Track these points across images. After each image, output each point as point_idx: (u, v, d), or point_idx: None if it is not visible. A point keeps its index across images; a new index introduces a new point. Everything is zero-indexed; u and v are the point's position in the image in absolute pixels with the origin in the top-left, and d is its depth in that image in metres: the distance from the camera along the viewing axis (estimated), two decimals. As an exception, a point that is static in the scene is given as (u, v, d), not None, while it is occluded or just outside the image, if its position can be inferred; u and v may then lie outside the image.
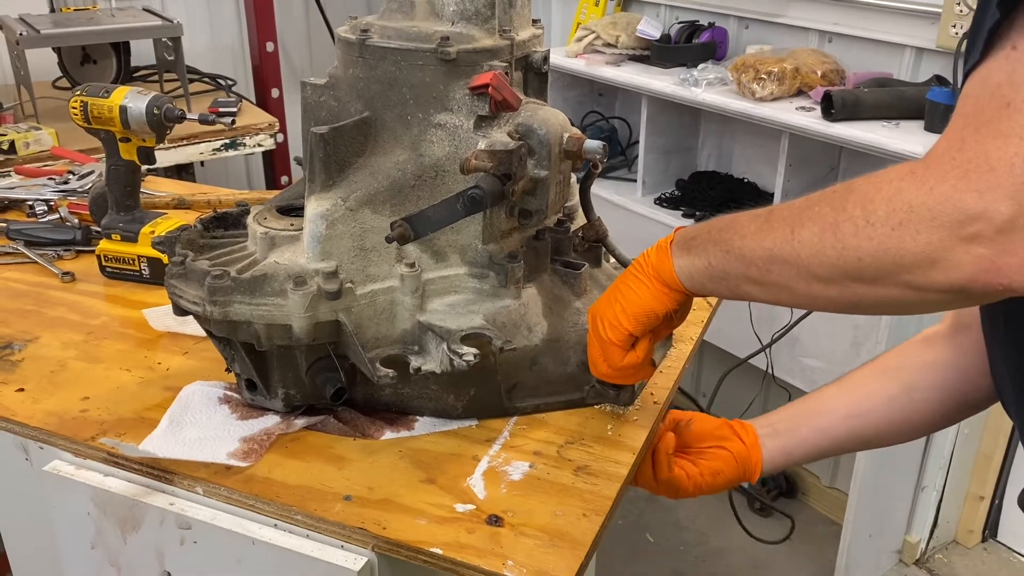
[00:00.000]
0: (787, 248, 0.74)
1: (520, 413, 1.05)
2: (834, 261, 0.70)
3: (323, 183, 0.96)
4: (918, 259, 0.64)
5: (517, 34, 1.02)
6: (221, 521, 0.93)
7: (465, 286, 1.02)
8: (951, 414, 1.05)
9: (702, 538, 2.63)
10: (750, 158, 2.70)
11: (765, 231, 0.77)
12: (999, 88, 0.62)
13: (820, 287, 0.73)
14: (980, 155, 0.61)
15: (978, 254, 0.61)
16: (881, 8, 2.26)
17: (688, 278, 0.86)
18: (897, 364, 1.07)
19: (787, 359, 2.32)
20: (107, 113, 1.31)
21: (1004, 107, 0.61)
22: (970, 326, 1.03)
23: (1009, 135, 0.60)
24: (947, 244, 0.62)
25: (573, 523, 0.88)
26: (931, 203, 0.63)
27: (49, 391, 1.10)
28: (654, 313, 0.89)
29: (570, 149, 1.00)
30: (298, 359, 0.99)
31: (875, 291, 0.69)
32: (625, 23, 2.68)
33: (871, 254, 0.67)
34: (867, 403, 1.05)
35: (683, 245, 0.87)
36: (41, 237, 1.50)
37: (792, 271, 0.74)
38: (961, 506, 2.46)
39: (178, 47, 2.54)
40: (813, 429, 1.07)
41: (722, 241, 0.82)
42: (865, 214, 0.67)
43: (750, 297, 0.82)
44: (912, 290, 0.67)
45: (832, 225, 0.70)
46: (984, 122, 0.62)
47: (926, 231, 0.63)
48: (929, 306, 0.70)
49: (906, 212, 0.64)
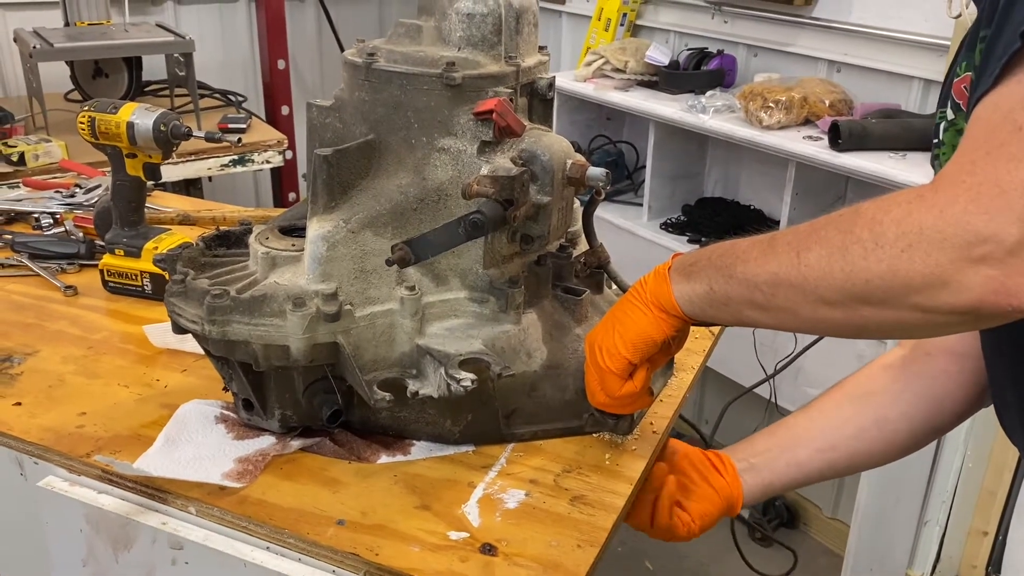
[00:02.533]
0: (793, 272, 0.73)
1: (518, 440, 1.05)
2: (842, 284, 0.70)
3: (325, 205, 0.96)
4: (927, 280, 0.64)
5: (523, 60, 1.03)
6: (213, 542, 0.92)
7: (465, 310, 1.01)
8: (920, 440, 1.08)
9: (702, 567, 2.60)
10: (756, 185, 2.70)
11: (769, 255, 0.77)
12: (1011, 112, 0.62)
13: (827, 311, 0.72)
14: (991, 178, 0.62)
15: (987, 275, 0.62)
16: (890, 39, 2.27)
17: (688, 304, 0.86)
18: (866, 391, 1.08)
19: (791, 388, 2.31)
20: (114, 129, 1.32)
21: (1016, 131, 0.62)
22: (931, 354, 1.05)
23: (1021, 159, 0.61)
24: (957, 266, 0.63)
25: (567, 553, 0.87)
26: (941, 225, 0.63)
27: (46, 406, 1.10)
28: (652, 341, 0.89)
29: (573, 176, 1.00)
30: (295, 380, 0.98)
31: (882, 314, 0.69)
32: (634, 49, 2.70)
33: (880, 276, 0.67)
34: (840, 434, 1.07)
35: (682, 271, 0.86)
36: (45, 250, 1.50)
37: (798, 295, 0.74)
38: (964, 541, 2.43)
39: (189, 63, 2.56)
40: (789, 463, 1.08)
41: (724, 267, 0.81)
42: (874, 236, 0.67)
43: (752, 322, 0.81)
44: (920, 312, 0.66)
45: (840, 248, 0.70)
46: (996, 146, 0.62)
47: (936, 253, 0.63)
48: (935, 329, 0.70)
49: (916, 234, 0.64)
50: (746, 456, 1.08)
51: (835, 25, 2.39)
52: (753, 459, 1.08)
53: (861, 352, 2.10)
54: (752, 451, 1.09)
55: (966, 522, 2.40)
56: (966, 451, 2.24)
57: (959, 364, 1.04)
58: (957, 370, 1.04)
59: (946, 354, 1.04)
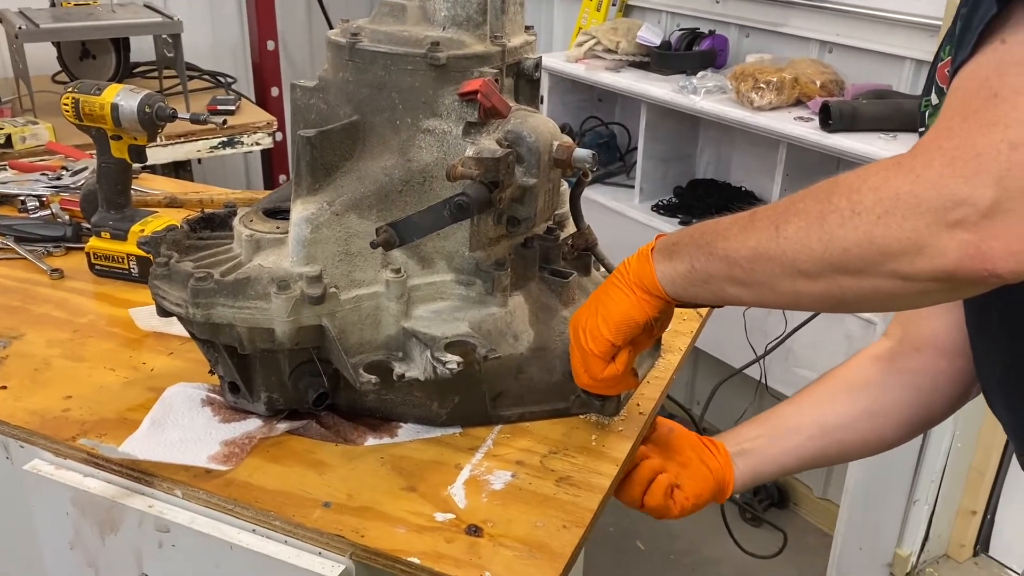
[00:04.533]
0: (772, 245, 0.73)
1: (505, 421, 1.05)
2: (820, 254, 0.69)
3: (309, 187, 0.96)
4: (904, 246, 0.64)
5: (509, 40, 1.02)
6: (199, 525, 0.92)
7: (451, 293, 1.01)
8: (909, 433, 1.09)
9: (693, 547, 2.62)
10: (748, 167, 2.70)
11: (749, 231, 0.76)
12: (987, 80, 0.62)
13: (806, 283, 0.72)
14: (967, 143, 0.62)
15: (963, 239, 0.61)
16: (882, 20, 2.26)
17: (671, 283, 0.86)
18: (861, 383, 1.09)
19: (781, 369, 2.32)
20: (98, 111, 1.31)
21: (991, 97, 0.62)
22: (919, 350, 1.06)
23: (995, 123, 0.61)
24: (933, 230, 0.63)
25: (553, 534, 0.88)
26: (917, 190, 0.63)
27: (32, 389, 1.10)
28: (635, 322, 0.89)
29: (559, 157, 0.99)
30: (281, 363, 0.98)
31: (861, 283, 0.69)
32: (626, 29, 2.68)
33: (857, 244, 0.67)
34: (833, 424, 1.08)
35: (665, 251, 0.86)
36: (31, 233, 1.49)
37: (777, 268, 0.74)
38: (953, 520, 2.45)
39: (178, 44, 2.53)
40: (782, 449, 1.08)
41: (705, 244, 0.81)
42: (851, 204, 0.67)
43: (734, 299, 0.81)
44: (898, 280, 0.66)
45: (818, 218, 0.69)
46: (971, 112, 0.62)
47: (912, 218, 0.63)
48: (914, 298, 0.69)
49: (892, 200, 0.64)
50: (738, 442, 1.09)
51: (827, 5, 2.38)
52: (745, 444, 1.08)
53: (850, 332, 2.11)
54: (743, 437, 1.09)
55: (955, 502, 2.42)
56: (955, 431, 2.25)
57: (948, 360, 1.05)
58: (946, 366, 1.05)
59: (935, 350, 1.05)
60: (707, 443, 1.08)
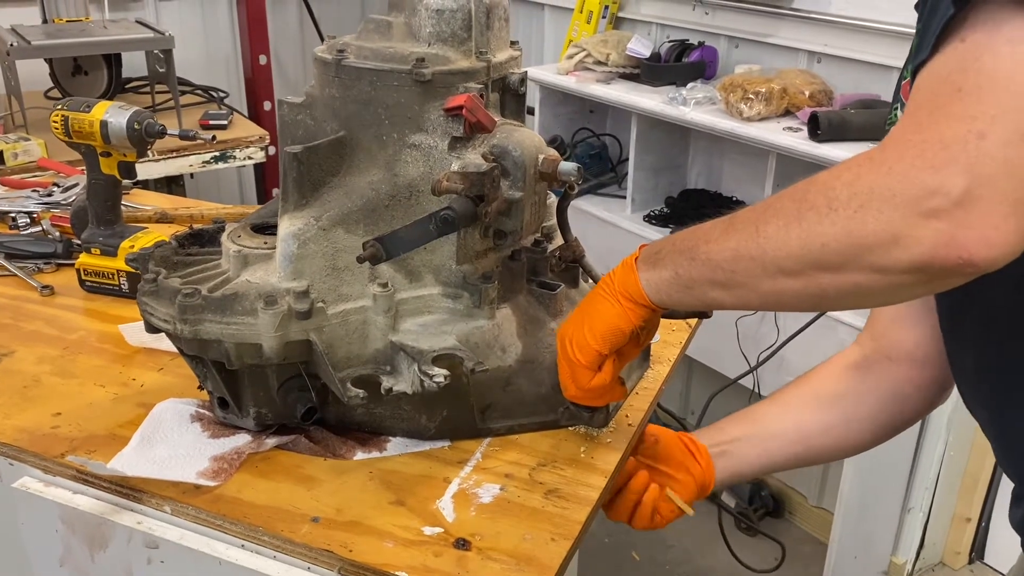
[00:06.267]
0: (752, 245, 0.75)
1: (493, 434, 1.05)
2: (799, 251, 0.71)
3: (296, 202, 0.96)
4: (880, 238, 0.65)
5: (494, 56, 1.02)
6: (188, 541, 0.92)
7: (439, 306, 1.01)
8: (881, 437, 1.13)
9: (688, 557, 2.62)
10: (739, 177, 2.71)
11: (729, 233, 0.78)
12: (950, 75, 0.64)
13: (786, 281, 0.73)
14: (934, 135, 0.63)
15: (937, 228, 0.63)
16: (870, 30, 2.27)
17: (655, 291, 0.87)
18: (834, 392, 1.12)
19: (774, 379, 2.32)
20: (88, 128, 1.31)
21: (955, 92, 0.63)
22: (892, 359, 1.08)
23: (962, 116, 0.62)
24: (907, 221, 0.64)
25: (541, 547, 0.88)
26: (890, 183, 0.65)
27: (21, 406, 1.10)
28: (620, 331, 0.89)
29: (545, 171, 1.00)
30: (269, 378, 0.98)
31: (840, 279, 0.69)
32: (616, 41, 2.70)
33: (835, 239, 0.68)
34: (810, 430, 1.11)
35: (648, 260, 0.88)
36: (22, 250, 1.49)
37: (758, 268, 0.75)
38: (948, 527, 2.45)
39: (169, 59, 2.54)
40: (760, 453, 1.11)
41: (687, 250, 0.82)
42: (827, 201, 0.68)
43: (717, 303, 0.82)
44: (876, 273, 0.67)
45: (796, 216, 0.71)
46: (937, 107, 0.64)
47: (887, 210, 0.65)
48: (893, 291, 0.70)
49: (867, 194, 0.66)
50: (719, 442, 1.11)
51: (815, 16, 2.39)
52: (726, 446, 1.11)
53: (843, 341, 2.11)
54: (724, 437, 1.12)
55: (949, 509, 2.42)
56: (948, 437, 2.25)
57: (919, 370, 1.07)
58: (917, 375, 1.08)
59: (908, 360, 1.08)
60: (690, 445, 1.10)
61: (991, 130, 0.61)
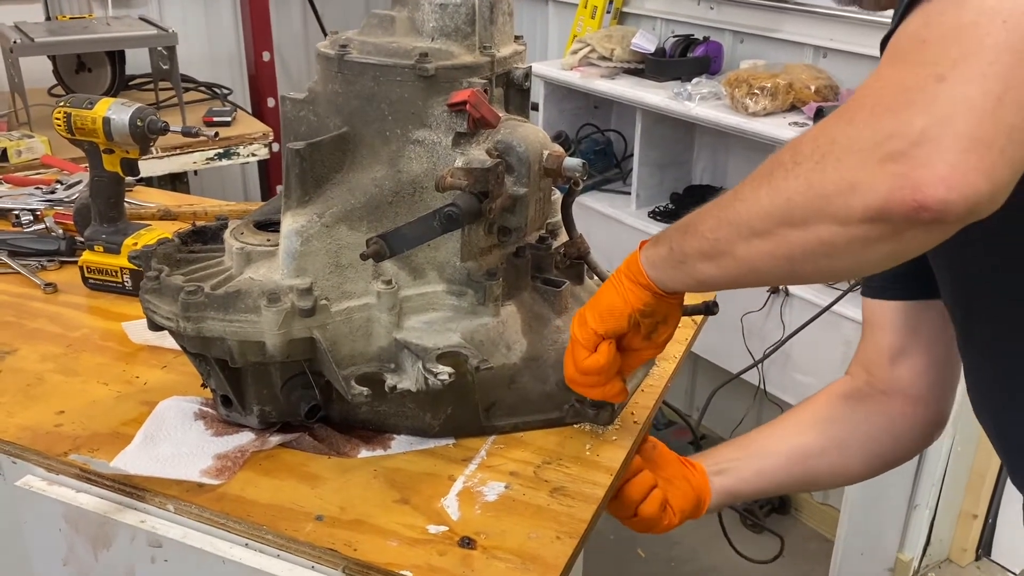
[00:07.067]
0: (729, 210, 0.76)
1: (498, 432, 1.04)
2: (768, 208, 0.71)
3: (299, 199, 0.96)
4: (839, 187, 0.65)
5: (498, 51, 1.02)
6: (192, 540, 0.92)
7: (443, 303, 1.01)
8: (873, 470, 1.12)
9: (693, 554, 2.61)
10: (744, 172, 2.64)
11: (716, 205, 0.79)
12: (917, 31, 0.64)
13: (759, 243, 0.73)
14: (894, 81, 0.63)
15: (893, 172, 0.61)
16: (876, 24, 2.26)
17: (652, 267, 0.87)
18: (830, 417, 1.11)
19: (779, 375, 2.31)
20: (90, 125, 1.31)
21: (919, 43, 0.63)
22: (887, 394, 1.08)
23: (923, 63, 0.62)
24: (865, 167, 0.63)
25: (546, 546, 0.87)
26: (850, 131, 0.65)
27: (24, 404, 1.09)
28: (617, 310, 0.89)
29: (550, 166, 0.99)
30: (273, 376, 0.98)
31: (805, 235, 0.69)
32: (620, 36, 2.68)
33: (798, 191, 0.68)
34: (804, 452, 1.10)
35: (652, 240, 0.89)
36: (25, 247, 1.49)
37: (734, 232, 0.75)
38: (954, 524, 2.44)
39: (173, 56, 2.54)
40: (755, 472, 1.10)
41: (682, 226, 0.84)
42: (793, 156, 0.69)
43: (706, 277, 0.82)
44: (837, 225, 0.66)
45: (767, 174, 0.71)
46: (899, 58, 0.65)
47: (846, 157, 0.64)
48: (857, 249, 0.67)
49: (829, 144, 0.66)
50: (716, 463, 1.11)
51: (821, 10, 2.38)
52: (722, 465, 1.10)
53: (848, 337, 2.10)
54: (721, 458, 1.11)
55: (956, 505, 2.41)
56: (955, 434, 2.24)
57: (913, 406, 1.07)
58: (911, 411, 1.07)
59: (902, 396, 1.07)
60: (685, 463, 1.10)
61: (951, 73, 0.60)
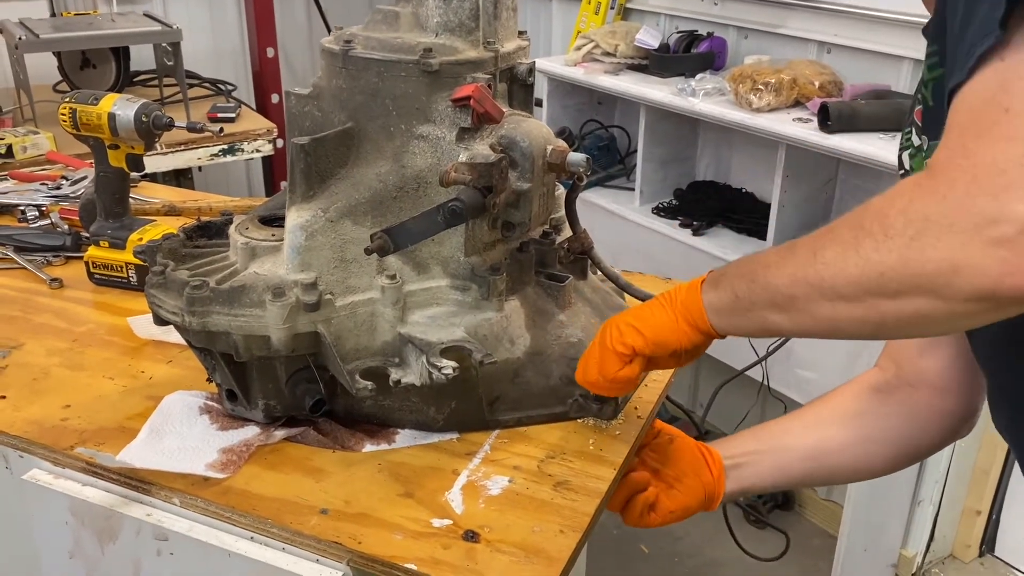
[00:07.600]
0: (810, 271, 0.74)
1: (502, 426, 1.05)
2: (857, 278, 0.69)
3: (303, 194, 0.96)
4: (940, 267, 0.64)
5: (502, 46, 1.02)
6: (197, 533, 0.93)
7: (447, 298, 1.01)
8: (898, 464, 1.11)
9: (697, 549, 2.61)
10: (748, 168, 2.69)
11: (788, 258, 0.77)
12: (995, 96, 0.62)
13: (845, 307, 0.72)
14: (987, 159, 0.61)
15: (1001, 257, 0.60)
16: (880, 20, 2.26)
17: (715, 314, 0.86)
18: (855, 411, 1.10)
19: (783, 371, 2.31)
20: (95, 120, 1.31)
21: (1003, 112, 0.62)
22: (914, 386, 1.07)
23: (1013, 138, 0.61)
24: (969, 250, 0.62)
25: (550, 539, 0.88)
26: (945, 210, 0.63)
27: (31, 399, 1.10)
28: (668, 345, 0.89)
29: (553, 161, 0.99)
30: (278, 370, 0.98)
31: (900, 306, 0.68)
32: (624, 32, 2.68)
33: (892, 267, 0.67)
34: (826, 448, 1.09)
35: (712, 282, 0.88)
36: (31, 243, 1.50)
37: (816, 293, 0.74)
38: (958, 520, 2.44)
39: (177, 52, 2.54)
40: (773, 466, 1.10)
41: (747, 273, 0.82)
42: (883, 228, 0.67)
43: (775, 327, 0.81)
44: (939, 300, 0.65)
45: (852, 243, 0.70)
46: (986, 128, 0.62)
47: (946, 238, 0.63)
48: (956, 319, 0.68)
49: (922, 222, 0.64)
50: (733, 454, 1.10)
51: (825, 6, 2.38)
52: (740, 459, 1.10)
53: (852, 334, 2.10)
54: (740, 449, 1.11)
55: (960, 502, 2.40)
56: (959, 431, 2.24)
57: (941, 399, 1.06)
58: (940, 403, 1.06)
59: (930, 388, 1.06)
60: (704, 453, 1.09)
61: None
